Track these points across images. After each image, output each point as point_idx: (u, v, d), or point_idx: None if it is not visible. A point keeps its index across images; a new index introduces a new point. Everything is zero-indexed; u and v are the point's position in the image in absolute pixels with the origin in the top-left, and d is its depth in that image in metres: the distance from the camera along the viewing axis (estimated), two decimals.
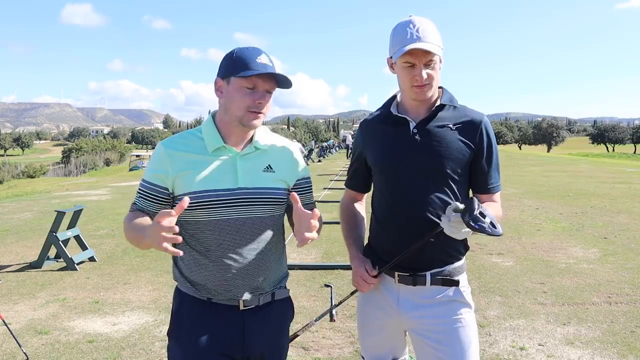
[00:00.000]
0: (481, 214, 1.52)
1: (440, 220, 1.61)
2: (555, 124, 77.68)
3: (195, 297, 1.64)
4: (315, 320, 2.04)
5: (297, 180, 1.76)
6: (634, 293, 4.75)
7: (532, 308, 4.41)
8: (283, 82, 1.60)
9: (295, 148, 1.81)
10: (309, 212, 1.52)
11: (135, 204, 1.65)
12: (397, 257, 1.74)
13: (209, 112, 1.72)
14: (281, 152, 1.74)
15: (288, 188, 1.73)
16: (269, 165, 1.68)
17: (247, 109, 1.56)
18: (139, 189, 1.65)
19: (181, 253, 1.37)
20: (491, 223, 1.53)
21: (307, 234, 1.49)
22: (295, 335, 1.96)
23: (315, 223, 1.50)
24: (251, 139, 1.67)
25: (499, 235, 1.55)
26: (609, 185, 13.92)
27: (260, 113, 1.59)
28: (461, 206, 1.56)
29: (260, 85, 1.57)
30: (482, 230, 1.51)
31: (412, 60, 1.66)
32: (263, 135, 1.71)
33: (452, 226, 1.56)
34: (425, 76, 1.67)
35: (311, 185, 1.84)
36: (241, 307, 1.63)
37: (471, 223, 1.50)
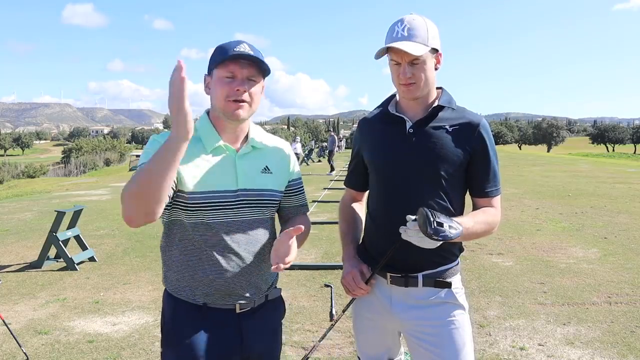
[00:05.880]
0: (438, 223, 1.49)
1: (403, 232, 1.58)
2: (555, 124, 77.70)
3: (190, 302, 1.59)
4: (319, 342, 2.05)
5: (290, 182, 1.76)
6: (634, 293, 4.75)
7: (532, 308, 4.41)
8: (261, 66, 1.56)
9: (289, 148, 1.80)
10: (290, 241, 1.52)
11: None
12: (377, 266, 1.75)
13: (205, 111, 1.67)
14: (277, 152, 1.73)
15: (283, 189, 1.72)
16: (267, 166, 1.66)
17: (226, 98, 1.53)
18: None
19: None
20: (450, 226, 1.51)
21: (282, 265, 1.49)
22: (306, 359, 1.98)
23: (290, 257, 1.51)
24: (246, 137, 1.65)
25: (461, 234, 1.53)
26: (609, 185, 13.92)
27: (243, 102, 1.54)
28: (412, 217, 1.54)
29: (239, 73, 1.53)
30: (446, 239, 1.51)
31: (396, 58, 1.66)
32: (258, 134, 1.69)
33: (416, 237, 1.55)
34: (409, 74, 1.65)
35: (303, 186, 1.83)
36: (237, 310, 1.61)
37: (434, 237, 1.49)
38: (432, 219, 1.48)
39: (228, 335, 1.60)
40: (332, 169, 20.39)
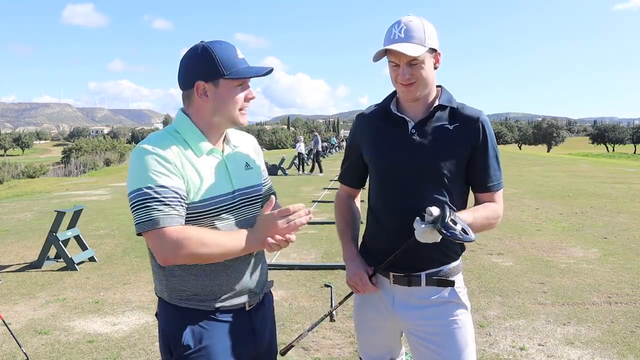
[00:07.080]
0: (452, 221, 1.51)
1: (414, 226, 1.59)
2: (555, 124, 77.79)
3: (202, 309, 1.56)
4: (308, 331, 2.03)
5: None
6: (634, 293, 4.75)
7: (532, 308, 4.41)
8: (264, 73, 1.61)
9: (254, 140, 1.82)
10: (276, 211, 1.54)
11: (159, 219, 1.46)
12: (382, 264, 1.74)
13: (181, 111, 1.61)
14: (248, 147, 1.74)
15: (262, 181, 1.75)
16: (247, 162, 1.68)
17: (242, 107, 1.57)
18: (160, 199, 1.44)
19: None
20: (462, 230, 1.52)
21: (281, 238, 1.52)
22: (290, 347, 1.94)
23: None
24: (224, 137, 1.66)
25: (472, 241, 1.54)
26: (609, 185, 13.92)
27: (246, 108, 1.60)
28: (435, 212, 1.55)
29: (247, 81, 1.58)
30: (453, 237, 1.51)
31: (394, 60, 1.67)
32: (232, 133, 1.70)
33: (425, 232, 1.55)
34: (407, 75, 1.66)
35: (267, 175, 1.84)
36: (247, 308, 1.63)
37: (443, 230, 1.50)
38: (447, 215, 1.50)
39: (243, 333, 1.62)
40: (320, 169, 20.67)
